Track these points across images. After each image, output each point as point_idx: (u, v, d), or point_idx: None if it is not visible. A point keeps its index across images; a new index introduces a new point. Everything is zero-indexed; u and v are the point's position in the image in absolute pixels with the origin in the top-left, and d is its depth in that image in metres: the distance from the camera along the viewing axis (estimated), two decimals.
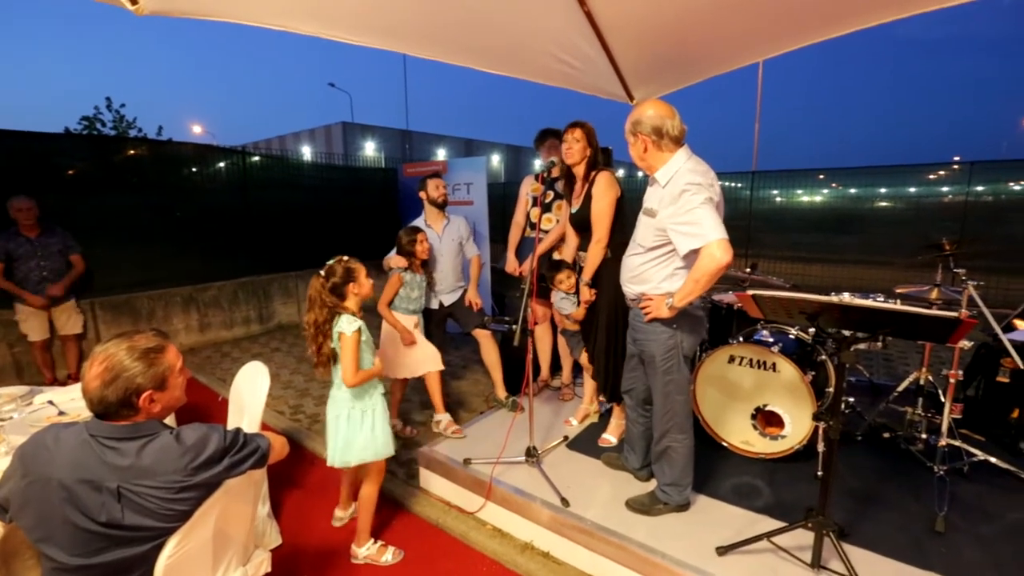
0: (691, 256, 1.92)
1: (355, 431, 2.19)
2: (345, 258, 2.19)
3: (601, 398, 3.03)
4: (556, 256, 3.28)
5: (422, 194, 3.45)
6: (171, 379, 1.31)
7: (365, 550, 2.28)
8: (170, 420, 2.24)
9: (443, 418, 3.04)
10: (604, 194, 2.56)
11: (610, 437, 2.85)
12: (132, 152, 5.96)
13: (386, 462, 2.32)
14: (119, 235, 5.17)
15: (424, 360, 3.14)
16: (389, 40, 2.48)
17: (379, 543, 2.33)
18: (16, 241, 3.82)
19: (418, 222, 3.39)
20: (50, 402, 2.39)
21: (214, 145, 6.52)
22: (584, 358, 2.98)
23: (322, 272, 2.15)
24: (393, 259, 3.17)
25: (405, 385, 3.32)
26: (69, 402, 2.40)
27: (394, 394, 3.33)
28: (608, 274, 2.61)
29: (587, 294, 2.66)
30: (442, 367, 3.18)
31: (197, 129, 30.24)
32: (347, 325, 2.11)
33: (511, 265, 3.53)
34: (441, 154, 32.28)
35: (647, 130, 1.98)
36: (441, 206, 3.41)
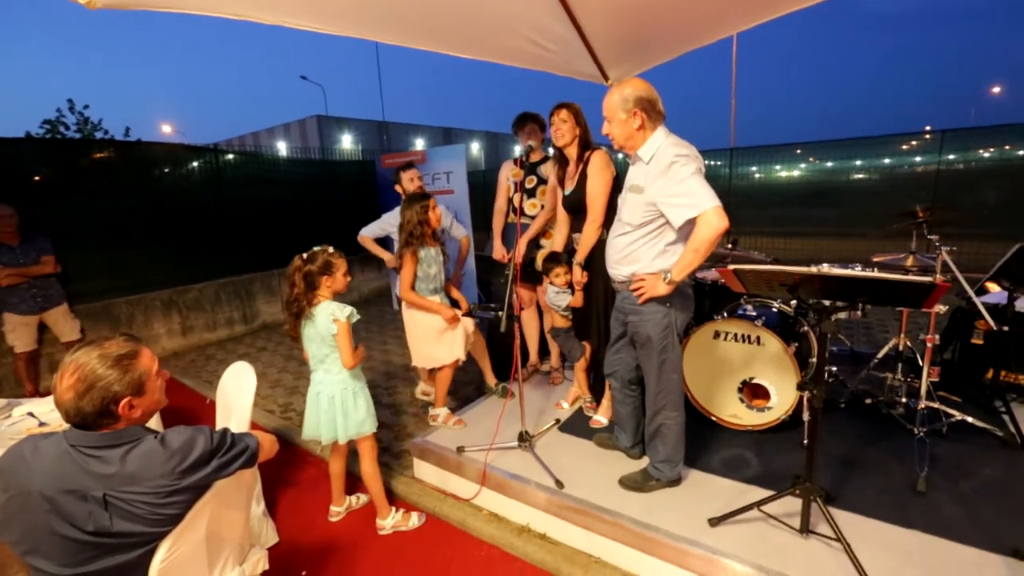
0: (684, 230, 1.93)
1: (350, 409, 2.26)
2: (331, 250, 2.21)
3: (591, 404, 3.02)
4: (544, 241, 3.27)
5: (398, 188, 3.41)
6: (149, 383, 1.27)
7: (391, 520, 2.39)
8: (156, 424, 2.22)
9: (441, 412, 3.02)
10: (600, 173, 2.54)
11: (601, 418, 2.87)
12: (99, 155, 5.77)
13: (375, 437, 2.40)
14: (91, 241, 5.03)
15: (464, 345, 2.95)
16: (353, 26, 2.39)
17: (401, 510, 2.43)
18: (0, 249, 3.79)
19: (396, 212, 3.35)
20: (30, 414, 2.34)
21: (185, 144, 6.37)
22: (581, 364, 2.94)
23: (305, 255, 2.18)
24: (387, 257, 3.07)
25: (453, 370, 3.04)
26: (49, 413, 2.35)
27: (444, 382, 3.06)
28: (604, 257, 2.60)
29: (579, 274, 2.63)
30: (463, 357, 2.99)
31: (167, 129, 29.44)
32: (340, 311, 2.15)
33: (498, 252, 3.51)
34: (419, 144, 31.90)
35: (644, 105, 1.96)
36: None
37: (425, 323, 2.92)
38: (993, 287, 3.11)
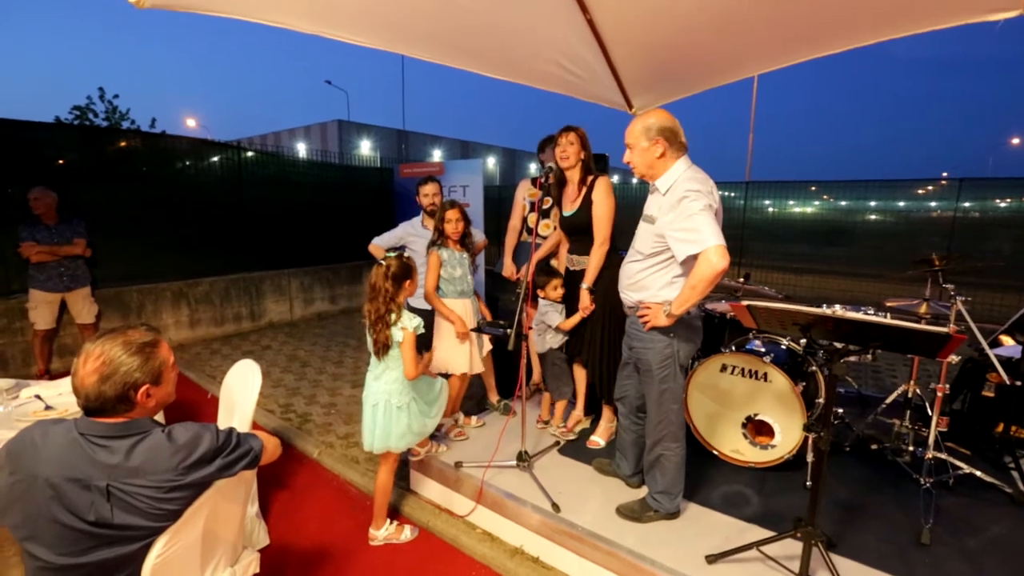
0: (689, 263, 1.93)
1: (391, 420, 2.27)
2: (406, 255, 2.28)
3: (564, 429, 3.00)
4: (554, 263, 3.29)
5: (418, 199, 3.49)
6: (166, 374, 1.30)
7: (384, 531, 2.38)
8: (159, 418, 2.23)
9: (445, 422, 3.00)
10: (606, 198, 2.62)
11: (598, 439, 2.86)
12: (125, 144, 5.90)
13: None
14: (109, 227, 5.10)
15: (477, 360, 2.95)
16: (391, 41, 2.47)
17: (395, 523, 2.43)
18: (37, 228, 3.97)
19: (415, 222, 3.39)
20: (37, 396, 2.36)
21: (208, 139, 6.47)
22: (562, 404, 2.97)
23: (382, 264, 2.22)
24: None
25: (466, 381, 3.06)
26: (56, 397, 2.37)
27: (459, 390, 3.04)
28: (602, 282, 2.63)
29: (587, 300, 2.64)
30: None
31: (191, 123, 29.88)
32: (409, 321, 2.19)
33: (508, 269, 3.53)
34: (437, 155, 32.26)
35: (667, 134, 1.98)
36: (432, 213, 3.43)
37: (449, 327, 2.90)
38: (1007, 340, 3.08)
